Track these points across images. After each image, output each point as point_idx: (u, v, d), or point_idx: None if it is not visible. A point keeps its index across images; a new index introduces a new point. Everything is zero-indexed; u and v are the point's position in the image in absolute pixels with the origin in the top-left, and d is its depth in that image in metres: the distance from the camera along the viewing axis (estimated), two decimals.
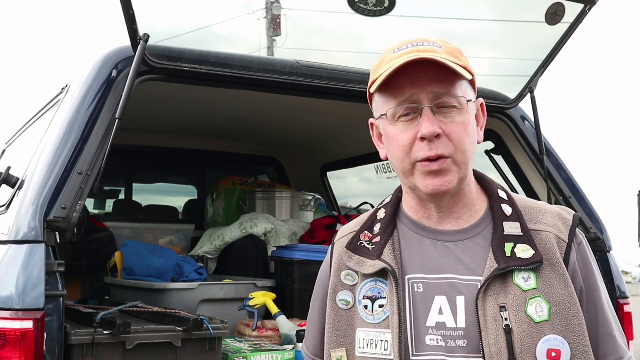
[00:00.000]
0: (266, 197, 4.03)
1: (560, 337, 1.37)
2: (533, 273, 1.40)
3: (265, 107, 3.36)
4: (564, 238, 1.44)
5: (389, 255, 1.48)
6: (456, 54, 1.43)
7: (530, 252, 1.41)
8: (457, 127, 1.39)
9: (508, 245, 1.42)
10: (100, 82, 2.29)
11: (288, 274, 3.14)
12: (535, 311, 1.37)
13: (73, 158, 2.16)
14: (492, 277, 1.39)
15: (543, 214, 1.48)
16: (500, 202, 1.49)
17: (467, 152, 1.41)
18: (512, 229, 1.44)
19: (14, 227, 2.08)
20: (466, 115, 1.41)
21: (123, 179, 4.84)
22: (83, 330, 2.15)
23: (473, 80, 1.44)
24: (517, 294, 1.38)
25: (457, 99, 1.40)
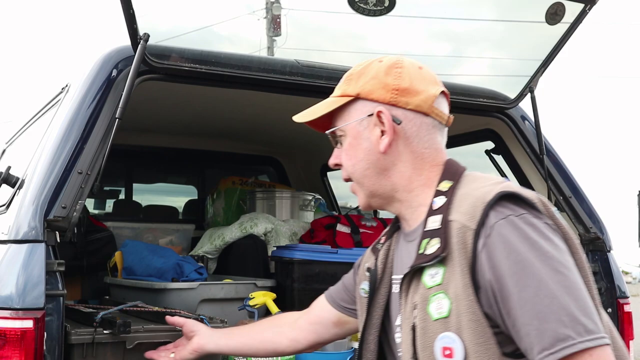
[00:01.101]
0: (266, 197, 4.03)
1: (454, 335, 1.35)
2: (442, 267, 1.39)
3: (266, 106, 3.35)
4: (472, 225, 1.37)
5: (381, 256, 1.64)
6: (345, 79, 1.62)
7: (436, 246, 1.40)
8: (345, 154, 1.60)
9: (424, 242, 1.45)
10: (100, 81, 2.30)
11: (288, 274, 3.14)
12: (435, 308, 1.39)
13: (73, 157, 2.16)
14: (405, 277, 1.47)
15: (465, 201, 1.43)
16: (436, 195, 1.50)
17: (357, 171, 1.58)
18: (433, 223, 1.45)
19: (14, 227, 2.08)
20: (348, 139, 1.59)
21: (123, 179, 4.84)
22: (83, 329, 2.13)
23: (360, 95, 1.57)
24: (423, 291, 1.42)
25: (338, 131, 1.61)
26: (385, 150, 1.53)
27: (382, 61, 1.57)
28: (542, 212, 1.39)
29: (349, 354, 2.59)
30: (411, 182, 1.55)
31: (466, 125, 3.27)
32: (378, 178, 1.56)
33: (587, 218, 2.93)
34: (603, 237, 2.91)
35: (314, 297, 2.15)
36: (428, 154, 1.55)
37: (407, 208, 1.56)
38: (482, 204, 1.37)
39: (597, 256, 2.90)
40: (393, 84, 1.53)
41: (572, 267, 1.33)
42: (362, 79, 1.57)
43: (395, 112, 1.54)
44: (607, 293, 2.86)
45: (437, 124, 1.57)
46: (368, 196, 1.59)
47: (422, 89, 1.54)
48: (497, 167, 3.33)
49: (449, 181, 1.50)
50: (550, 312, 1.25)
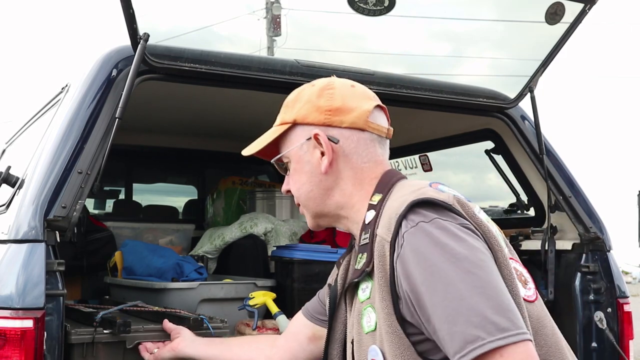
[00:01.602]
0: (266, 197, 4.03)
1: (376, 348, 1.37)
2: (371, 281, 1.41)
3: (266, 106, 3.35)
4: (387, 238, 1.37)
5: (341, 271, 1.66)
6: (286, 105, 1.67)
7: (363, 261, 1.43)
8: (291, 182, 1.65)
9: (358, 257, 1.47)
10: (100, 81, 2.30)
11: (288, 274, 3.14)
12: (366, 321, 1.42)
13: (73, 157, 2.16)
14: (346, 292, 1.53)
15: (387, 213, 1.43)
16: (368, 209, 1.51)
17: (302, 195, 1.62)
18: (364, 238, 1.47)
19: (14, 226, 2.08)
20: (292, 164, 1.64)
21: (123, 179, 4.84)
22: (83, 329, 2.14)
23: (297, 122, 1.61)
24: (358, 305, 1.45)
25: (281, 160, 1.68)
26: (326, 170, 1.56)
27: (314, 85, 1.63)
28: (459, 213, 1.38)
29: None
30: (352, 198, 1.57)
31: (466, 125, 3.27)
32: (322, 198, 1.59)
33: (587, 218, 2.93)
34: (603, 236, 2.91)
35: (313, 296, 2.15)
36: (367, 168, 1.57)
37: (352, 224, 1.59)
38: (396, 215, 1.37)
39: (597, 256, 2.90)
40: (325, 105, 1.57)
41: (486, 266, 1.30)
42: (297, 105, 1.62)
43: (332, 132, 1.57)
44: (607, 293, 2.86)
45: (375, 138, 1.59)
46: (315, 217, 1.63)
47: (355, 105, 1.57)
48: (497, 167, 3.34)
49: (379, 194, 1.51)
50: (458, 314, 1.23)
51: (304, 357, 1.88)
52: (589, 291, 2.85)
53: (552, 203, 2.98)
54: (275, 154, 1.69)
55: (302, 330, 1.91)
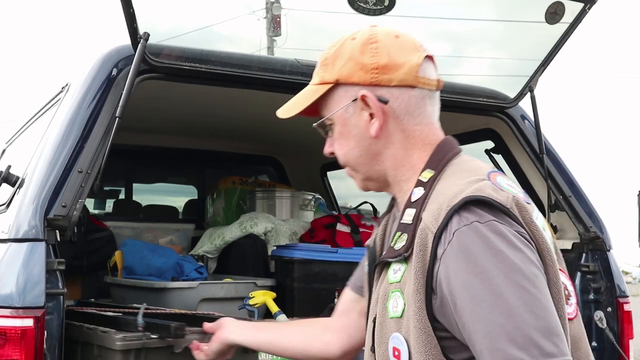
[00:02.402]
0: (266, 197, 4.03)
1: (401, 337, 1.30)
2: (404, 265, 1.33)
3: (266, 106, 3.34)
4: (433, 228, 1.27)
5: (379, 232, 1.57)
6: (323, 63, 1.50)
7: (403, 242, 1.33)
8: (336, 143, 1.52)
9: (397, 235, 1.38)
10: (100, 80, 2.30)
11: (288, 273, 3.14)
12: (392, 305, 1.34)
13: (73, 156, 2.17)
14: (376, 267, 1.43)
15: (436, 198, 1.32)
16: (416, 185, 1.40)
17: (351, 158, 1.50)
18: (408, 216, 1.36)
19: (14, 226, 2.09)
20: (337, 127, 1.50)
21: (123, 179, 4.84)
22: (130, 334, 2.01)
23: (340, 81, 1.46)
24: (385, 285, 1.37)
25: (326, 120, 1.52)
26: (377, 134, 1.44)
27: (355, 38, 1.47)
28: (516, 219, 1.26)
29: None
30: (403, 165, 1.46)
31: (466, 124, 3.28)
32: (372, 163, 1.48)
33: (587, 217, 2.93)
34: (603, 236, 2.91)
35: (314, 296, 2.15)
36: (419, 131, 1.45)
37: (399, 192, 1.48)
38: (447, 207, 1.27)
39: (596, 255, 2.90)
40: (371, 62, 1.43)
41: (539, 282, 1.21)
42: (337, 62, 1.47)
43: (380, 92, 1.43)
44: (607, 292, 2.86)
45: (425, 94, 1.46)
46: (364, 180, 1.52)
47: (403, 60, 1.43)
48: (497, 166, 3.34)
49: (431, 170, 1.40)
50: (503, 332, 1.15)
51: (360, 334, 1.69)
52: (589, 290, 2.85)
53: (552, 202, 2.98)
54: (313, 113, 1.55)
55: (351, 307, 1.78)
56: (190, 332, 2.07)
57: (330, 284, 3.06)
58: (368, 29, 1.47)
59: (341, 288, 2.97)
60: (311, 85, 1.54)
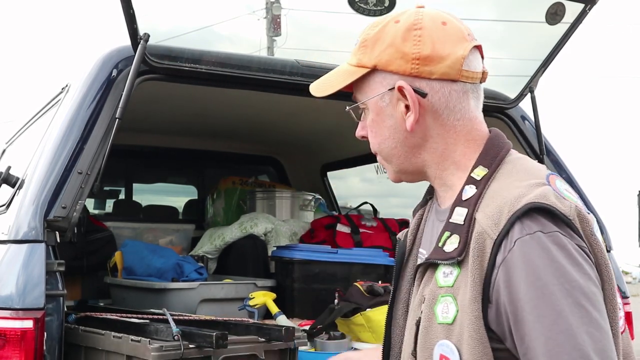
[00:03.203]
0: (266, 197, 4.03)
1: (452, 345, 1.23)
2: (457, 269, 1.25)
3: (266, 106, 3.36)
4: (492, 234, 1.21)
5: (412, 226, 1.51)
6: (363, 45, 1.39)
7: (455, 245, 1.26)
8: (368, 129, 1.43)
9: (445, 235, 1.30)
10: (100, 81, 2.30)
11: (288, 274, 3.14)
12: (441, 310, 1.26)
13: (73, 157, 2.17)
14: (420, 267, 1.35)
15: (494, 200, 1.25)
16: (467, 182, 1.33)
17: (384, 149, 1.40)
18: (459, 215, 1.29)
19: (14, 227, 2.09)
20: (372, 115, 1.40)
21: (123, 179, 4.84)
22: (169, 344, 1.89)
23: (378, 67, 1.37)
24: (433, 287, 1.28)
25: (359, 104, 1.43)
26: (412, 128, 1.35)
27: (398, 21, 1.36)
28: (577, 231, 1.21)
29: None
30: (445, 159, 1.38)
31: None
32: (407, 156, 1.39)
33: None
34: (603, 237, 2.91)
35: (314, 297, 2.16)
36: (461, 126, 1.36)
37: (439, 185, 1.40)
38: (509, 212, 1.20)
39: None
40: (413, 52, 1.32)
41: (597, 300, 1.18)
42: (377, 46, 1.36)
43: (418, 83, 1.33)
44: None
45: (468, 88, 1.36)
46: (397, 172, 1.43)
47: (447, 52, 1.33)
48: None
49: (484, 168, 1.32)
50: (562, 351, 1.12)
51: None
52: None
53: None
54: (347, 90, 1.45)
55: None
56: (232, 342, 1.98)
57: (331, 284, 3.06)
58: (414, 11, 1.37)
59: (341, 288, 2.98)
60: (348, 64, 1.43)
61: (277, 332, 2.06)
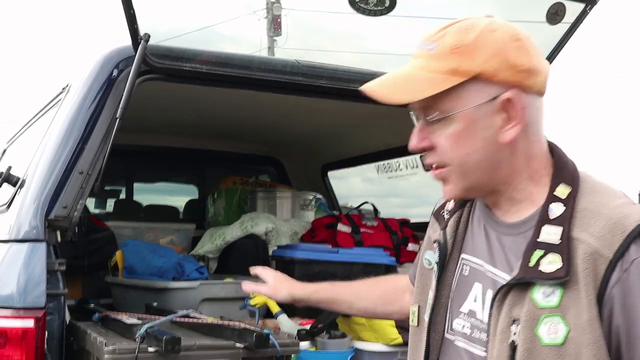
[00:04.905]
0: (267, 197, 4.03)
1: None
2: (560, 289, 1.23)
3: (266, 106, 3.36)
4: (607, 254, 1.20)
5: (451, 227, 1.47)
6: (446, 55, 1.30)
7: (557, 264, 1.23)
8: (443, 140, 1.32)
9: (536, 254, 1.26)
10: (100, 81, 2.30)
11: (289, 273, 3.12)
12: (547, 331, 1.23)
13: (74, 157, 2.17)
14: (510, 286, 1.29)
15: (596, 220, 1.24)
16: (552, 200, 1.30)
17: (463, 164, 1.32)
18: (550, 234, 1.27)
19: (15, 226, 2.09)
20: (456, 125, 1.30)
21: (124, 179, 4.84)
22: (123, 346, 1.81)
23: (482, 76, 1.29)
24: (531, 309, 1.25)
25: (439, 113, 1.31)
26: (511, 141, 1.30)
27: (494, 30, 1.31)
28: None
29: (349, 353, 2.59)
30: (519, 175, 1.34)
31: None
32: (489, 172, 1.33)
33: None
34: None
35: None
36: (536, 141, 1.35)
37: (506, 200, 1.37)
38: (622, 232, 1.21)
39: None
40: (519, 63, 1.28)
41: None
42: (479, 54, 1.28)
43: (523, 96, 1.29)
44: None
45: (542, 102, 1.35)
46: (465, 189, 1.37)
47: (542, 66, 1.32)
48: None
49: (566, 186, 1.31)
50: None
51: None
52: None
53: None
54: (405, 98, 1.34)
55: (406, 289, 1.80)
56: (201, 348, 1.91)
57: None
58: (501, 22, 1.35)
59: None
60: (428, 70, 1.31)
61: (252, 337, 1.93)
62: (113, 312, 2.26)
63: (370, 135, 3.88)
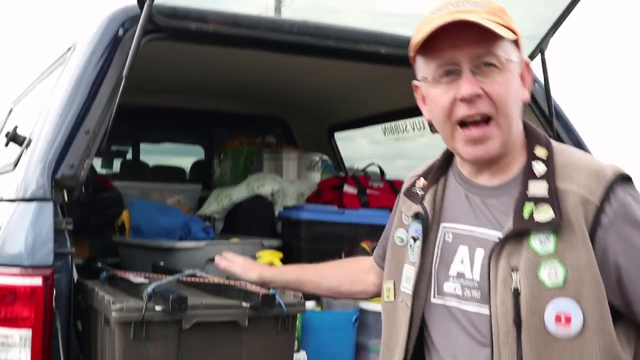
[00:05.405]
0: (273, 158, 4.03)
1: (573, 302, 1.33)
2: (553, 235, 1.35)
3: (273, 67, 3.34)
4: (593, 199, 1.35)
5: (428, 200, 1.57)
6: (498, 13, 1.42)
7: (549, 213, 1.35)
8: (499, 87, 1.41)
9: (527, 206, 1.38)
10: (106, 41, 2.28)
11: (295, 234, 3.16)
12: (548, 275, 1.34)
13: (80, 117, 2.16)
14: (506, 239, 1.39)
15: (578, 172, 1.39)
16: (532, 159, 1.45)
17: (509, 113, 1.43)
18: (537, 189, 1.40)
19: (22, 185, 2.10)
20: (507, 74, 1.41)
21: (130, 139, 4.84)
22: (131, 305, 1.80)
23: (517, 40, 1.44)
24: (530, 256, 1.36)
25: (497, 58, 1.40)
26: (527, 101, 1.49)
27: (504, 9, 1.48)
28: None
29: (354, 313, 2.61)
30: (517, 138, 1.49)
31: None
32: (515, 127, 1.46)
33: None
34: None
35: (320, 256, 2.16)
36: None
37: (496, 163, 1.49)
38: (605, 179, 1.36)
39: None
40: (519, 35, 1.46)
41: None
42: (512, 22, 1.45)
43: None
44: None
45: None
46: (501, 146, 1.45)
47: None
48: None
49: (542, 147, 1.46)
50: None
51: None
52: None
53: None
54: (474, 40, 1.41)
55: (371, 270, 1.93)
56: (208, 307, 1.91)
57: (337, 244, 3.07)
58: None
59: (348, 249, 3.00)
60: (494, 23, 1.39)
61: (258, 297, 1.91)
62: (120, 271, 2.26)
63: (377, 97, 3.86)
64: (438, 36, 1.40)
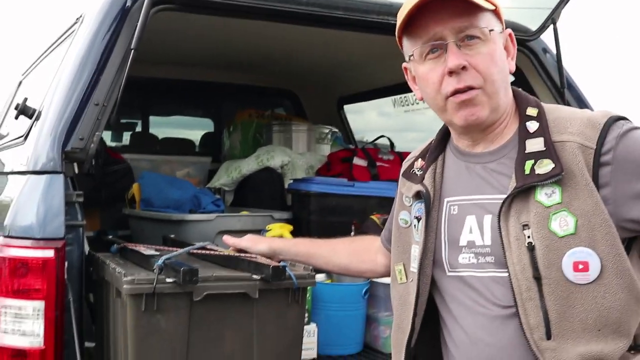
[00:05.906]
0: (283, 130, 4.02)
1: (587, 249, 1.35)
2: (557, 187, 1.39)
3: (282, 38, 3.31)
4: (590, 144, 1.39)
5: (428, 179, 1.59)
6: None
7: (550, 165, 1.39)
8: (483, 58, 1.46)
9: (528, 163, 1.42)
10: (114, 12, 2.27)
11: (304, 206, 3.16)
12: (559, 226, 1.38)
13: (89, 89, 2.16)
14: (512, 196, 1.42)
15: (571, 122, 1.44)
16: (526, 120, 1.49)
17: (495, 82, 1.47)
18: (534, 145, 1.44)
19: (32, 158, 2.10)
20: (491, 45, 1.46)
21: (140, 112, 4.84)
22: (142, 277, 1.79)
23: (497, 10, 1.49)
24: (539, 210, 1.39)
25: (480, 30, 1.45)
26: (512, 71, 1.54)
27: None
28: None
29: (364, 285, 2.62)
30: (509, 106, 1.54)
31: None
32: (504, 94, 1.51)
33: None
34: None
35: (329, 229, 2.16)
36: None
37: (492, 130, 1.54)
38: (598, 125, 1.40)
39: None
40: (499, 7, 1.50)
41: None
42: None
43: None
44: None
45: None
46: (491, 111, 1.49)
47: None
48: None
49: (533, 108, 1.51)
50: None
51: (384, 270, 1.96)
52: None
53: None
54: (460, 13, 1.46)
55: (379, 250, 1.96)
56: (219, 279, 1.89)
57: (347, 217, 3.07)
58: None
59: (358, 221, 3.00)
60: None
61: (268, 269, 1.90)
62: (131, 244, 2.27)
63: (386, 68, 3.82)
64: (421, 14, 1.45)
